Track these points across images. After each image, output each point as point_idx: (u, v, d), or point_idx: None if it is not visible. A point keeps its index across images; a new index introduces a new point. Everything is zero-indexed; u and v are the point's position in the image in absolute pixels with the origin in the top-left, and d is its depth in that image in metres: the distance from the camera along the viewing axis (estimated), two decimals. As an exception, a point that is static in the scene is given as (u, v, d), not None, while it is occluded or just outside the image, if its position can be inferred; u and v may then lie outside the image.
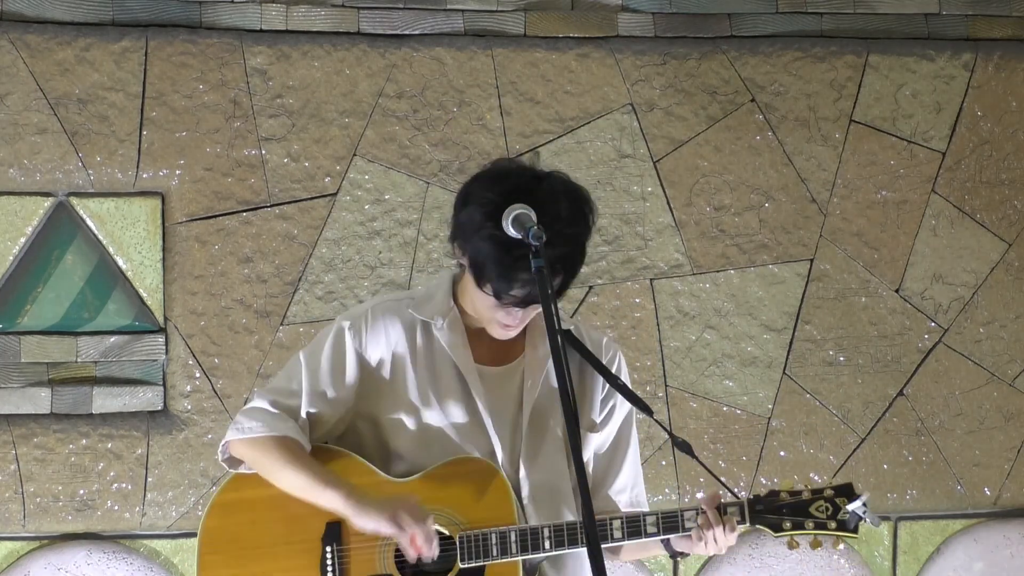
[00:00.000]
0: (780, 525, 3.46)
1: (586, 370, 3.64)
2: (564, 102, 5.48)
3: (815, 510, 3.46)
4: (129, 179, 5.29)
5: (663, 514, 3.47)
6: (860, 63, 5.63)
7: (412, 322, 3.60)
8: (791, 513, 3.46)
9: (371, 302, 3.69)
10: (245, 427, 3.57)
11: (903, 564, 5.67)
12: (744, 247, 5.55)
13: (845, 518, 3.44)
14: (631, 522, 3.46)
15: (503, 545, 3.45)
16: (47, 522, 5.20)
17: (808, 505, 3.46)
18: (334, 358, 3.59)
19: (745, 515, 3.47)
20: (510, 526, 3.46)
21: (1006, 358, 5.67)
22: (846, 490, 3.46)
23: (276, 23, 5.40)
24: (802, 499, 3.46)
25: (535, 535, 3.45)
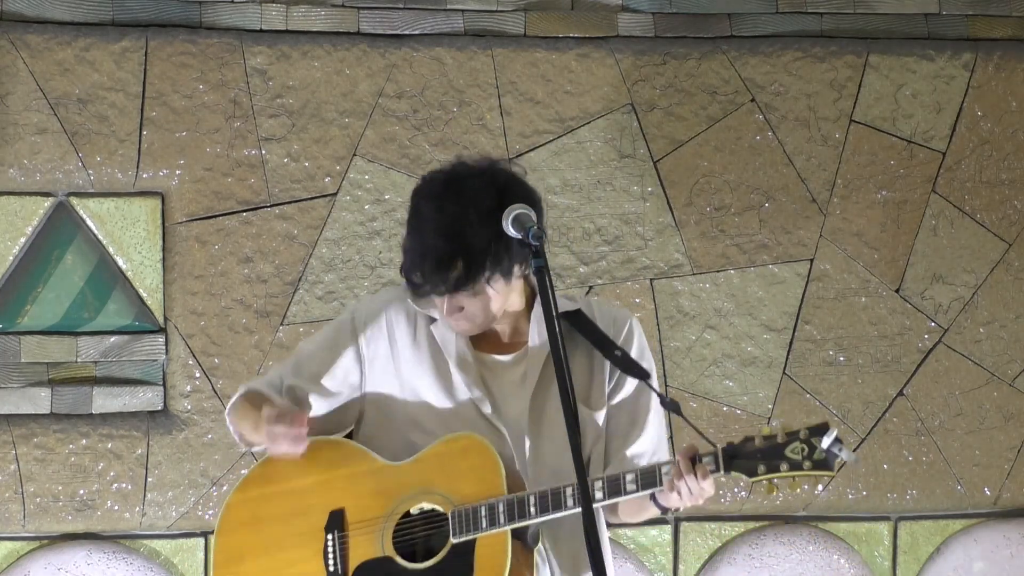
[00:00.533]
0: (755, 469, 3.38)
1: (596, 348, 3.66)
2: (564, 102, 5.48)
3: (790, 452, 3.37)
4: (129, 179, 5.29)
5: (641, 470, 3.46)
6: (860, 63, 5.63)
7: (414, 313, 3.63)
8: (765, 457, 3.38)
9: (379, 295, 3.75)
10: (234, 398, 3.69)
11: (903, 564, 5.67)
12: (744, 247, 5.55)
13: (821, 457, 3.34)
14: (611, 481, 3.45)
15: (491, 516, 3.47)
16: (47, 522, 5.19)
17: (783, 448, 3.37)
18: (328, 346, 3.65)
19: (719, 462, 3.41)
20: (498, 497, 3.47)
21: (1006, 358, 5.67)
22: (821, 430, 3.37)
23: (276, 23, 5.40)
24: (776, 442, 3.38)
25: (521, 503, 3.47)
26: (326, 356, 3.65)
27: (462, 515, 3.49)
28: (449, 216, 3.48)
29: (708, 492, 3.45)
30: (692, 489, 3.42)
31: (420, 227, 3.50)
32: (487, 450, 3.52)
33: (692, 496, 3.44)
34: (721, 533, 5.56)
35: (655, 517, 3.65)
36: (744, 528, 5.55)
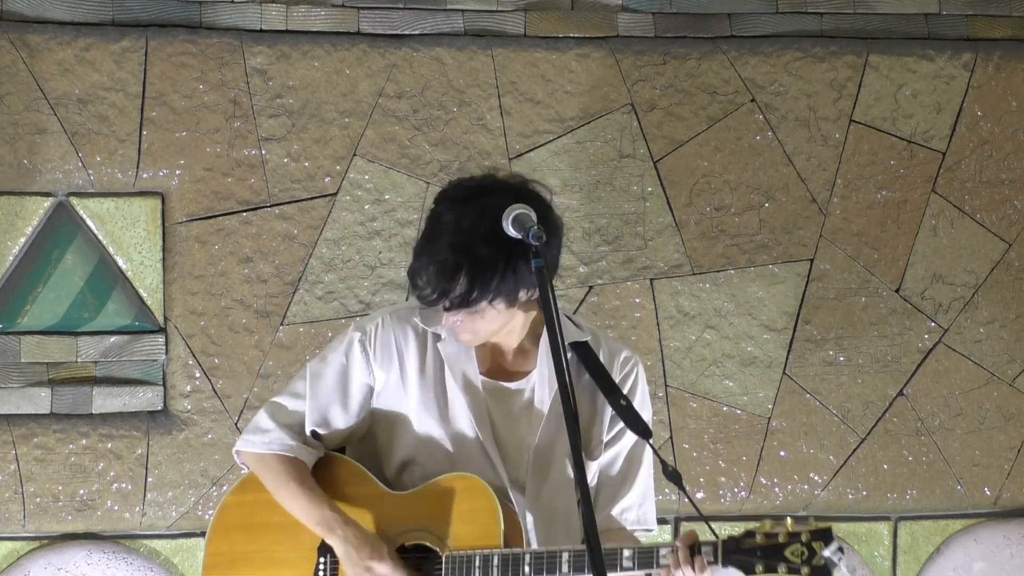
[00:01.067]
0: (752, 567, 3.40)
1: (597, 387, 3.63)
2: (564, 102, 5.48)
3: (790, 554, 3.39)
4: (129, 179, 5.29)
5: (639, 549, 3.45)
6: (860, 63, 5.62)
7: (422, 332, 3.59)
8: (765, 556, 3.39)
9: (381, 312, 3.69)
10: (252, 440, 3.64)
11: (903, 564, 5.66)
12: (744, 247, 5.55)
13: (820, 564, 3.37)
14: (608, 554, 3.41)
15: (485, 568, 3.45)
16: (47, 522, 5.19)
17: (783, 549, 3.39)
18: (342, 373, 3.61)
19: (718, 556, 3.43)
20: (494, 549, 3.45)
21: (1006, 358, 5.67)
22: (823, 535, 3.39)
23: (276, 23, 5.40)
24: (778, 542, 3.40)
25: (516, 561, 3.44)
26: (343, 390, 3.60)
27: (456, 561, 3.47)
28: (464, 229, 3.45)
29: None
30: None
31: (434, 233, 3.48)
32: (488, 496, 3.49)
33: None
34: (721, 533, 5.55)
35: None
36: (744, 528, 5.54)
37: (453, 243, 3.44)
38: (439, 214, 3.50)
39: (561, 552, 3.43)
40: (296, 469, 3.58)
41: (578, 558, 3.43)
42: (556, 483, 3.56)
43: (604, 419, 3.63)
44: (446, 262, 3.43)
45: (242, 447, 3.65)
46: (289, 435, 3.60)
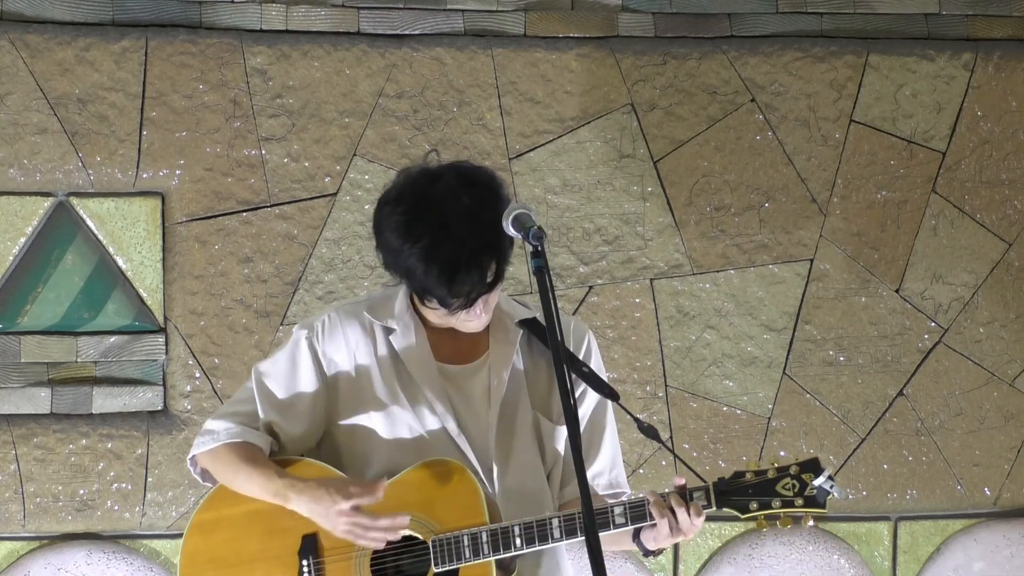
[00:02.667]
0: (747, 506, 3.38)
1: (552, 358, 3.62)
2: (564, 102, 5.48)
3: (781, 488, 3.39)
4: (129, 179, 5.29)
5: (630, 504, 3.43)
6: (860, 63, 5.63)
7: (370, 325, 3.58)
8: (757, 493, 3.38)
9: (328, 309, 3.67)
10: (202, 441, 3.58)
11: (903, 564, 5.67)
12: (744, 247, 5.55)
13: (812, 494, 3.37)
14: (599, 514, 3.41)
15: (475, 546, 3.43)
16: (47, 522, 5.20)
17: (774, 484, 3.39)
18: (290, 368, 3.57)
19: (711, 498, 3.40)
20: (481, 526, 3.45)
21: (1006, 358, 5.67)
22: (812, 465, 3.40)
23: (276, 23, 5.40)
24: (768, 478, 3.39)
25: (505, 534, 3.43)
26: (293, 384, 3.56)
27: (444, 544, 3.45)
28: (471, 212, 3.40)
29: (698, 528, 3.42)
30: (683, 525, 3.39)
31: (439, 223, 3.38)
32: (467, 477, 3.47)
33: (683, 532, 3.40)
34: (721, 533, 5.56)
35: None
36: (744, 528, 5.55)
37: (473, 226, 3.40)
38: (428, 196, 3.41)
39: (551, 519, 3.42)
40: (246, 452, 3.53)
41: (568, 522, 3.43)
42: (521, 463, 3.56)
43: None
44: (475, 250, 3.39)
45: (195, 450, 3.59)
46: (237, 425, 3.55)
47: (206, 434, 3.59)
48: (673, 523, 3.39)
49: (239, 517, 3.57)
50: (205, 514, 3.62)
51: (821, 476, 3.38)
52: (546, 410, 3.60)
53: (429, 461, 3.50)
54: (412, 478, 3.50)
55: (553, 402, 3.61)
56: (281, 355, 3.60)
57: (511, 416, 3.56)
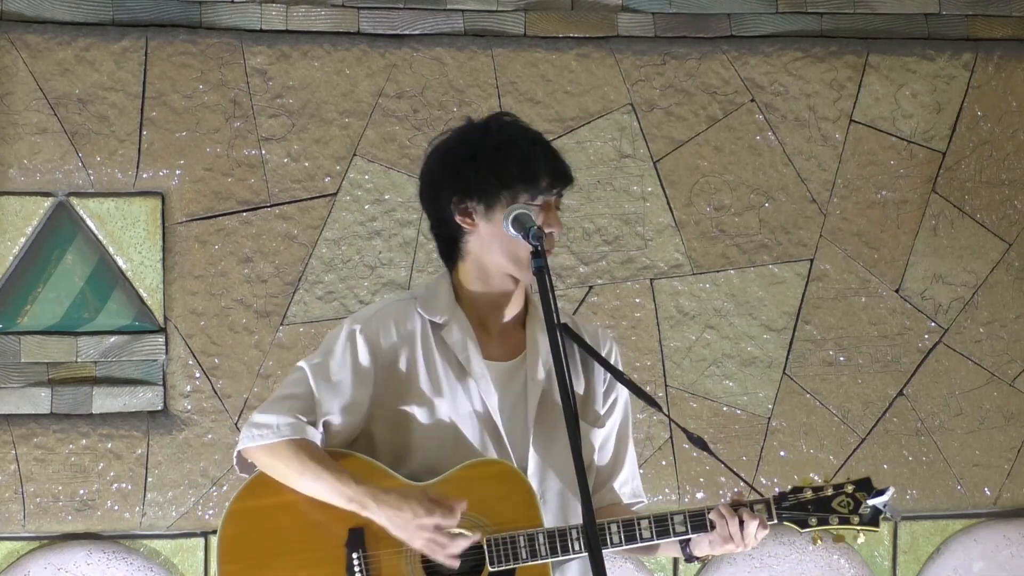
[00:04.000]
0: (806, 521, 3.50)
1: (588, 363, 3.64)
2: (564, 102, 5.48)
3: (837, 505, 3.50)
4: (129, 179, 5.29)
5: (690, 513, 3.48)
6: (860, 63, 5.63)
7: (421, 321, 3.59)
8: (816, 509, 3.50)
9: (379, 303, 3.67)
10: (257, 434, 3.51)
11: (903, 564, 5.67)
12: (744, 247, 5.55)
13: (867, 512, 3.48)
14: (659, 521, 3.47)
15: (532, 547, 3.44)
16: (47, 522, 5.20)
17: (831, 500, 3.50)
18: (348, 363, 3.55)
19: (772, 512, 3.50)
20: (537, 528, 3.46)
21: (1006, 358, 5.67)
22: (865, 484, 3.50)
23: (276, 23, 5.40)
24: (825, 495, 3.50)
25: (563, 537, 3.45)
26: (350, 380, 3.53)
27: (500, 544, 3.45)
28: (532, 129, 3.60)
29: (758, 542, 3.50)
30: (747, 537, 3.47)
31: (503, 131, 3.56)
32: (521, 479, 3.48)
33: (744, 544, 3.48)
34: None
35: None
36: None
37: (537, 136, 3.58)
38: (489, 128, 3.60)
39: (610, 524, 3.44)
40: (312, 450, 3.49)
41: (628, 528, 3.46)
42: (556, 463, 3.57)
43: (599, 390, 3.65)
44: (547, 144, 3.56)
45: (247, 444, 3.52)
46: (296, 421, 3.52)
47: (261, 427, 3.51)
48: (738, 533, 3.46)
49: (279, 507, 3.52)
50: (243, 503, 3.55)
51: (882, 496, 3.49)
52: (584, 411, 3.61)
53: (480, 461, 3.50)
54: (462, 476, 3.49)
55: (588, 407, 3.63)
56: (335, 348, 3.56)
57: (549, 415, 3.57)
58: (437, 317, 3.57)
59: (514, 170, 3.51)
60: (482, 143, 3.57)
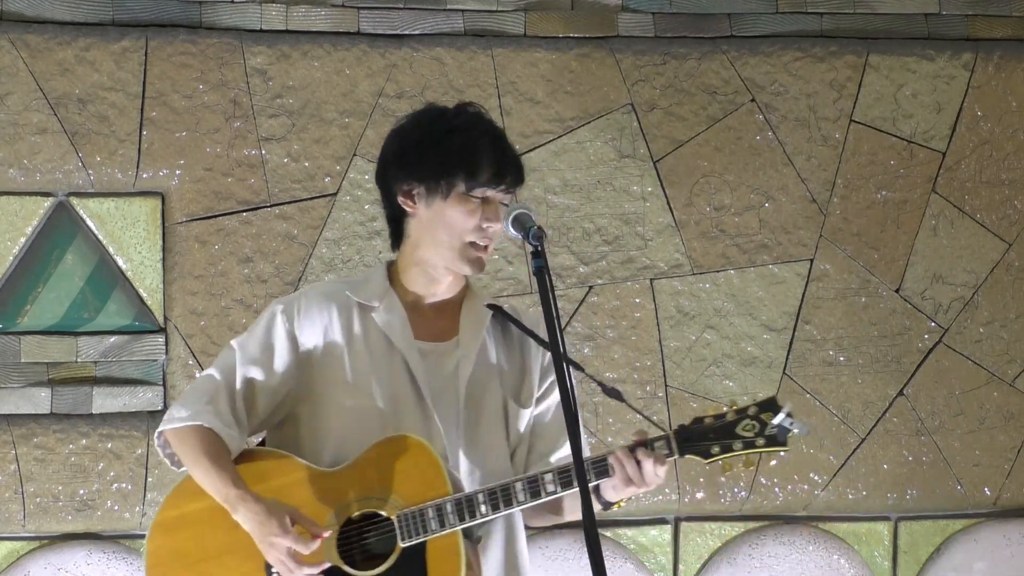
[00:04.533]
0: (709, 451, 3.42)
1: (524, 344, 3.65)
2: (564, 102, 5.48)
3: (742, 429, 3.42)
4: (129, 179, 5.29)
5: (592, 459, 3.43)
6: (860, 63, 5.63)
7: (348, 304, 3.60)
8: (718, 437, 3.42)
9: (308, 287, 3.71)
10: (173, 416, 3.58)
11: (903, 564, 5.67)
12: (744, 247, 5.55)
13: (773, 432, 3.40)
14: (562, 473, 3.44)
15: (440, 517, 3.44)
16: (47, 522, 5.20)
17: (734, 426, 3.42)
18: (266, 342, 3.58)
19: (672, 446, 3.43)
20: (445, 497, 3.46)
21: (1006, 358, 5.68)
22: (770, 404, 3.42)
23: (276, 23, 5.41)
24: (727, 421, 3.43)
25: (470, 502, 3.44)
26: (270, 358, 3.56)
27: (409, 518, 3.45)
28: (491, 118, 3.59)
29: (661, 479, 3.45)
30: (647, 475, 3.41)
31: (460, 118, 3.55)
32: (426, 450, 3.47)
33: (646, 483, 3.42)
34: (721, 533, 5.56)
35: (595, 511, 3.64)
36: (744, 528, 5.55)
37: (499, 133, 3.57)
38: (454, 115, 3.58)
39: (514, 483, 3.44)
40: (210, 443, 3.53)
41: (532, 484, 3.44)
42: (486, 443, 3.58)
43: (535, 372, 3.65)
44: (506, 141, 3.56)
45: (163, 426, 3.59)
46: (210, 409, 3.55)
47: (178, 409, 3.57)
48: (637, 474, 3.40)
49: (203, 512, 3.55)
50: (167, 513, 3.60)
51: (780, 414, 3.39)
52: (516, 393, 3.62)
53: (388, 438, 3.50)
54: (372, 456, 3.50)
55: (523, 386, 3.64)
56: (257, 332, 3.60)
57: (479, 396, 3.58)
58: (367, 300, 3.58)
59: (456, 158, 3.51)
60: (433, 127, 3.57)
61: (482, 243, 3.55)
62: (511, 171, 3.55)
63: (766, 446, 3.40)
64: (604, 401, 5.43)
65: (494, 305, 3.66)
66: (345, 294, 3.61)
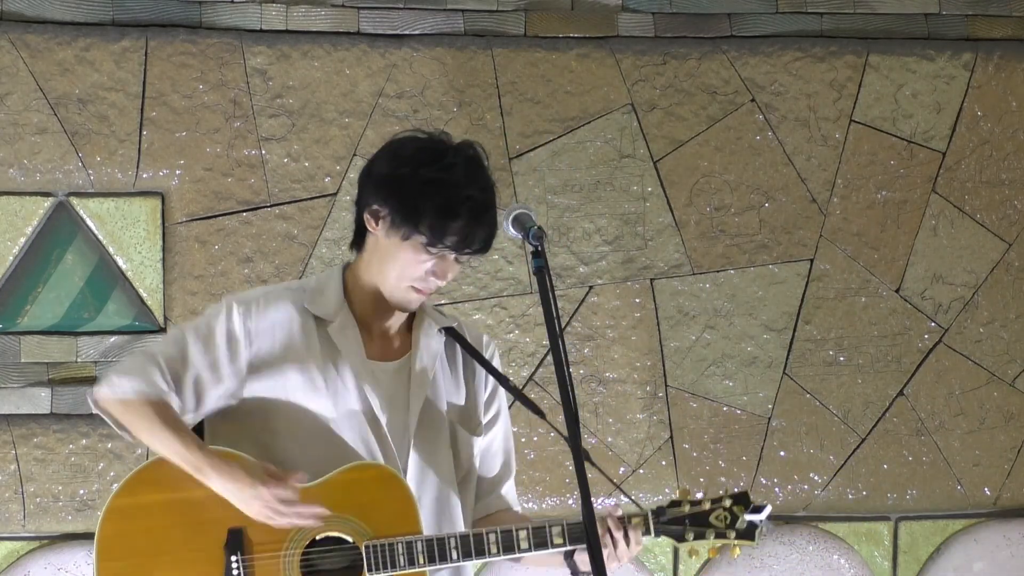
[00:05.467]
0: (683, 535, 3.57)
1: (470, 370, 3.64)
2: (564, 102, 5.48)
3: (715, 519, 3.58)
4: (129, 179, 5.29)
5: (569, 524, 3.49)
6: (860, 63, 5.63)
7: (304, 313, 3.57)
8: (693, 523, 3.57)
9: (263, 288, 3.66)
10: (119, 386, 3.49)
11: (903, 564, 5.67)
12: (744, 247, 5.55)
13: (743, 527, 3.57)
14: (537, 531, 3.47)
15: (410, 555, 3.43)
16: (47, 522, 5.20)
17: (708, 515, 3.58)
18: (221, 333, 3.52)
19: (649, 526, 3.55)
20: (416, 535, 3.45)
21: (1006, 358, 5.67)
22: (743, 499, 3.59)
23: (276, 23, 5.41)
24: (703, 509, 3.58)
25: (441, 545, 3.44)
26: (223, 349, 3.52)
27: (378, 550, 3.44)
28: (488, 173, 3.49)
29: (632, 555, 3.54)
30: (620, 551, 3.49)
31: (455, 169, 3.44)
32: (401, 484, 3.46)
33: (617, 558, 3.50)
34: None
35: None
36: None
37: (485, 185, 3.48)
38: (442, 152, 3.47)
39: (488, 533, 3.44)
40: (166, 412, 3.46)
41: (506, 538, 3.45)
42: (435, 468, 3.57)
43: (481, 399, 3.65)
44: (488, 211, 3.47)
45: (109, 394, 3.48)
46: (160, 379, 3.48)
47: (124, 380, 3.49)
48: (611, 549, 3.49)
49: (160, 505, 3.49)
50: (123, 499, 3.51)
51: (752, 510, 3.57)
52: (464, 420, 3.61)
53: (361, 464, 3.48)
54: (344, 479, 3.48)
55: (471, 413, 3.63)
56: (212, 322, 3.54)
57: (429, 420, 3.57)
58: (322, 313, 3.55)
59: (430, 212, 3.44)
60: (424, 167, 3.48)
61: (423, 289, 3.52)
62: (477, 242, 3.48)
63: (736, 538, 3.58)
64: (604, 401, 5.43)
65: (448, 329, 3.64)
66: (303, 305, 3.58)
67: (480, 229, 3.46)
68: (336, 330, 3.54)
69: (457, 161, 3.49)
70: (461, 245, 3.47)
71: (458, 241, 3.46)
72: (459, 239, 3.45)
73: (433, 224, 3.44)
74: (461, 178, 3.46)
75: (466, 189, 3.45)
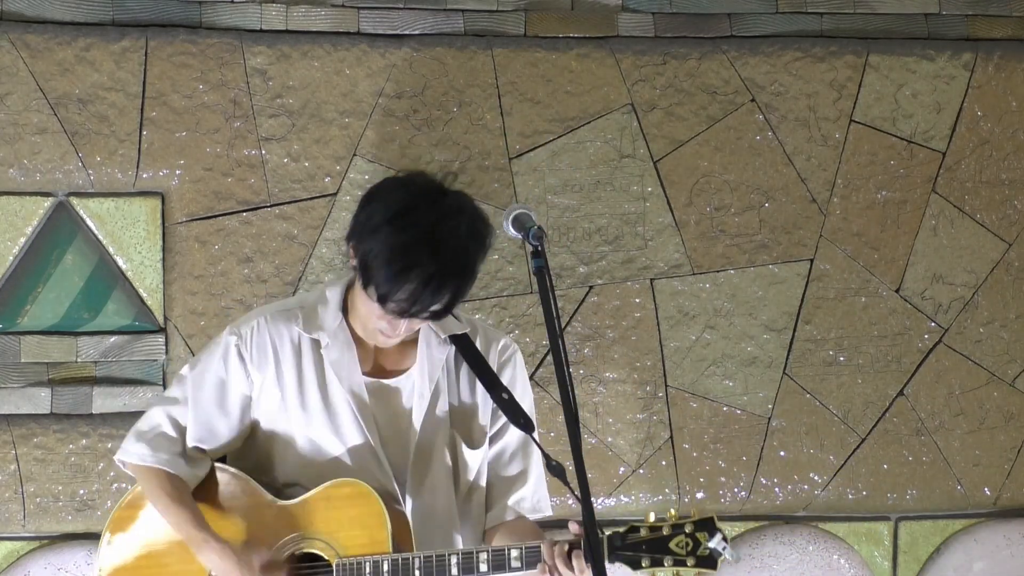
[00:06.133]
0: (638, 562, 3.45)
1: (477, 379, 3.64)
2: (564, 102, 5.48)
3: (675, 546, 3.44)
4: (129, 179, 5.29)
5: (526, 547, 3.47)
6: (860, 63, 5.63)
7: (299, 337, 3.59)
8: (650, 550, 3.44)
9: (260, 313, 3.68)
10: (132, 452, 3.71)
11: (903, 564, 5.67)
12: (744, 247, 5.55)
13: (705, 554, 3.42)
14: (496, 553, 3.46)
15: (376, 574, 3.46)
16: (47, 522, 5.19)
17: (667, 541, 3.44)
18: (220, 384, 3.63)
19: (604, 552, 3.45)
20: (383, 555, 3.46)
21: (1006, 358, 5.67)
22: (706, 525, 3.45)
23: (276, 23, 5.40)
24: (662, 535, 3.45)
25: (406, 565, 3.45)
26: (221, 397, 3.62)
27: (346, 568, 3.48)
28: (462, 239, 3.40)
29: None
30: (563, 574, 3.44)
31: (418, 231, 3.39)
32: (374, 501, 3.49)
33: None
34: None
35: None
36: (744, 528, 5.55)
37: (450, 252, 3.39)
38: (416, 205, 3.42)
39: (450, 555, 3.44)
40: (171, 484, 3.64)
41: (467, 560, 3.45)
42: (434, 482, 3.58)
43: (486, 410, 3.64)
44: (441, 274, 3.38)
45: (123, 457, 3.74)
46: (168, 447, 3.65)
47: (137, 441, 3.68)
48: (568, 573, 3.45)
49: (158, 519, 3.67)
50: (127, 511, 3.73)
51: (715, 537, 3.42)
52: (465, 433, 3.61)
53: (340, 482, 3.52)
54: (322, 497, 3.53)
55: (474, 426, 3.63)
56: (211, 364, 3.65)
57: (431, 438, 3.57)
58: (317, 335, 3.57)
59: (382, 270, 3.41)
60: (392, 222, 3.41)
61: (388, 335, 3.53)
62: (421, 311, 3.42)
63: (695, 566, 3.42)
64: (604, 401, 5.43)
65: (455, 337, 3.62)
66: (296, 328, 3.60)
67: (433, 297, 3.40)
68: (331, 351, 3.55)
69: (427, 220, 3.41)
70: (399, 314, 3.43)
71: (399, 308, 3.42)
72: (401, 307, 3.42)
73: (379, 286, 3.42)
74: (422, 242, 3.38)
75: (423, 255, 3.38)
